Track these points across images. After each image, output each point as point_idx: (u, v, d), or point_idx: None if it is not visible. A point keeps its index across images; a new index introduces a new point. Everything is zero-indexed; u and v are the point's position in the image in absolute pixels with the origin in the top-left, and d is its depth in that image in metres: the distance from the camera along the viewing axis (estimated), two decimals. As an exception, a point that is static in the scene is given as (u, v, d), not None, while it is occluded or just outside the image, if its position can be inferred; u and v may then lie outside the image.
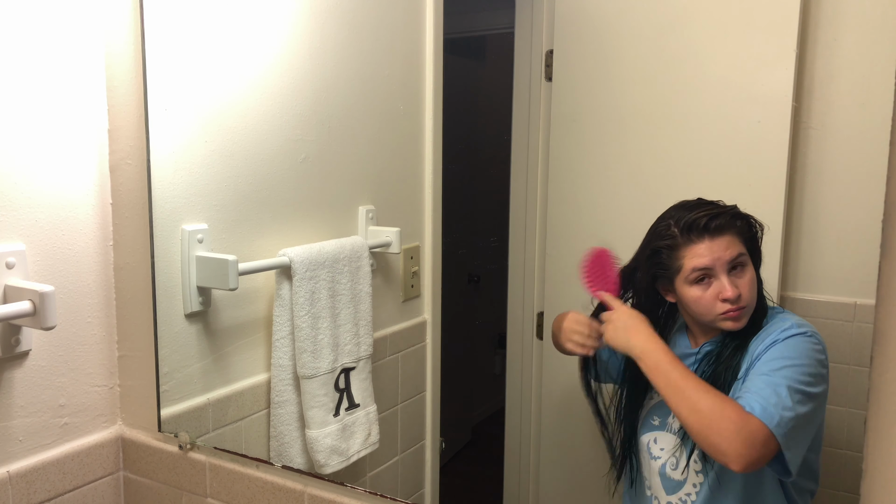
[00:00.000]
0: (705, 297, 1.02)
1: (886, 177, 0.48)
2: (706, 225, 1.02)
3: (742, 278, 1.02)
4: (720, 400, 0.94)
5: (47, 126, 1.05)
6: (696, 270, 1.02)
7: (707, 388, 0.96)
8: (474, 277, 1.97)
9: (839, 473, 1.11)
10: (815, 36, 1.11)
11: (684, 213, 1.05)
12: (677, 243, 1.04)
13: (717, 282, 1.02)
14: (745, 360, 1.01)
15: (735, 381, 1.01)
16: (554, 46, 1.41)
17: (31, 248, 1.04)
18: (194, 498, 1.13)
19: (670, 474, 1.09)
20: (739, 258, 1.02)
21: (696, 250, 1.02)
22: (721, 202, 1.06)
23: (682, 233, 1.04)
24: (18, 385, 1.04)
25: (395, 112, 1.45)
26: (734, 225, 1.03)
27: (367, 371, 1.32)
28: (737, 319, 1.02)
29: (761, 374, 0.96)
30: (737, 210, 1.05)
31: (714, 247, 1.02)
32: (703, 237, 1.02)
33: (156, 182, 1.10)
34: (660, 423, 1.11)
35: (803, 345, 0.99)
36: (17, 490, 1.04)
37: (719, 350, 1.05)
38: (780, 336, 0.99)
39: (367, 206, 1.39)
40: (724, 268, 1.01)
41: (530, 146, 1.46)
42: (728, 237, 1.02)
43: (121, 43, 1.11)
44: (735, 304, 1.01)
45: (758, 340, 1.01)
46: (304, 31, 1.26)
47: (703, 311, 1.04)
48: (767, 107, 1.17)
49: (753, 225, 1.05)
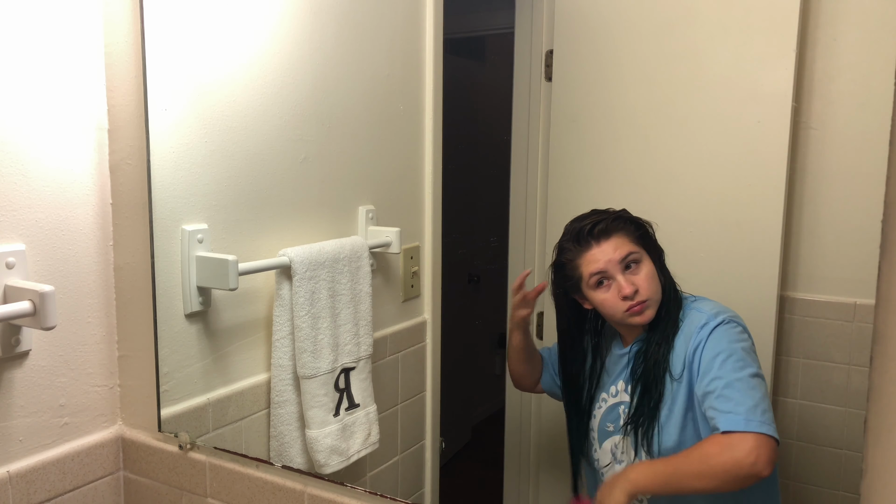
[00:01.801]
0: (609, 299, 1.09)
1: (886, 177, 0.48)
2: (590, 231, 1.09)
3: (638, 274, 1.08)
4: (700, 450, 0.99)
5: (47, 126, 1.05)
6: (594, 275, 1.09)
7: (687, 454, 1.00)
8: (474, 277, 1.97)
9: (839, 473, 1.11)
10: (815, 36, 1.11)
11: (574, 224, 1.13)
12: (573, 254, 1.11)
13: (615, 282, 1.08)
14: (677, 360, 1.05)
15: (666, 374, 1.06)
16: (554, 46, 1.41)
17: (31, 248, 1.04)
18: (194, 498, 1.13)
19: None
20: (631, 256, 1.08)
21: (589, 257, 1.09)
22: (610, 209, 1.13)
23: (574, 243, 1.11)
24: (18, 385, 1.04)
25: (395, 112, 1.45)
26: (619, 227, 1.09)
27: (367, 371, 1.32)
28: (641, 313, 1.07)
29: (710, 381, 1.00)
30: (620, 213, 1.12)
31: (603, 250, 1.09)
32: (590, 243, 1.09)
33: (156, 182, 1.10)
34: (614, 429, 1.14)
35: (728, 334, 1.03)
36: (17, 490, 1.04)
37: (646, 347, 1.10)
38: (703, 335, 1.04)
39: (367, 206, 1.39)
40: (617, 268, 1.08)
41: (530, 146, 1.46)
42: (615, 239, 1.09)
43: (120, 43, 1.11)
44: (633, 299, 1.06)
45: (682, 338, 1.06)
46: (305, 31, 1.26)
47: (611, 312, 1.10)
48: (767, 107, 1.17)
49: (641, 224, 1.11)
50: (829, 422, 1.10)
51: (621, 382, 1.14)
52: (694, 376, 1.03)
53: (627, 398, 1.12)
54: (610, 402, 1.15)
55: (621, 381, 1.14)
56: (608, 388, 1.17)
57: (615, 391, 1.15)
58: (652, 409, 1.07)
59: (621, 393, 1.14)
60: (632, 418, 1.09)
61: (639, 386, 1.09)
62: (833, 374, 1.09)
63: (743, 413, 0.96)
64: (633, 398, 1.10)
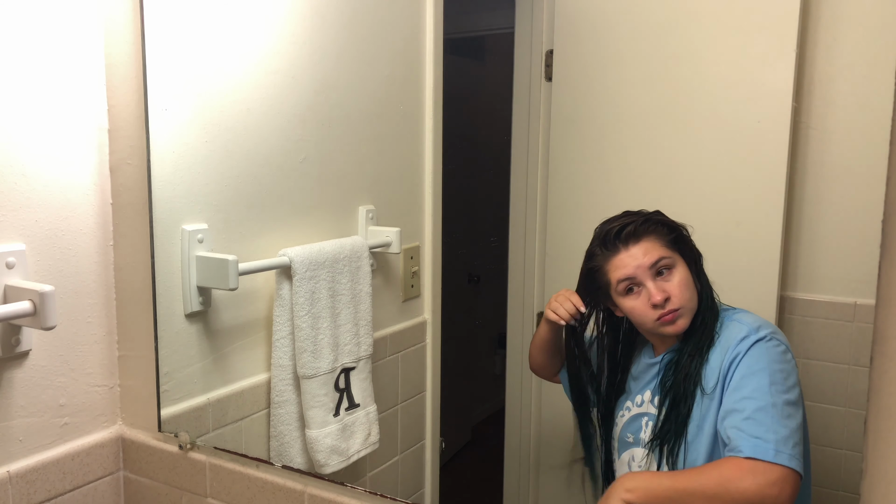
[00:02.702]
0: (638, 307, 1.02)
1: (886, 177, 0.48)
2: (618, 234, 1.03)
3: (670, 281, 1.01)
4: (717, 470, 0.90)
5: (47, 126, 1.05)
6: (622, 281, 1.02)
7: (699, 472, 0.93)
8: (474, 277, 1.97)
9: (839, 473, 1.11)
10: (815, 36, 1.11)
11: (603, 227, 1.06)
12: (601, 260, 1.05)
13: (645, 289, 1.01)
14: (710, 373, 0.98)
15: (697, 389, 0.99)
16: (554, 46, 1.41)
17: (31, 248, 1.04)
18: (194, 498, 1.13)
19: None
20: (662, 261, 1.01)
21: (617, 262, 1.03)
22: (642, 211, 1.06)
23: (601, 248, 1.05)
24: (18, 385, 1.04)
25: (395, 112, 1.45)
26: (649, 230, 1.03)
27: (367, 371, 1.32)
28: (673, 322, 1.00)
29: (742, 399, 0.93)
30: (652, 215, 1.05)
31: (632, 255, 1.02)
32: (618, 248, 1.03)
33: (156, 182, 1.10)
34: (633, 440, 1.09)
35: (769, 353, 0.96)
36: (17, 490, 1.04)
37: (677, 358, 1.03)
38: (742, 348, 0.96)
39: (367, 206, 1.39)
40: (648, 274, 1.01)
41: (530, 146, 1.46)
42: (645, 243, 1.02)
43: (121, 43, 1.11)
44: (665, 307, 1.00)
45: (717, 351, 0.99)
46: (305, 31, 1.26)
47: (641, 321, 1.03)
48: (767, 107, 1.17)
49: (675, 227, 1.04)
50: (829, 422, 1.10)
51: (648, 393, 1.08)
52: (726, 391, 0.96)
53: (654, 410, 1.06)
54: (634, 412, 1.10)
55: (648, 392, 1.08)
56: (633, 396, 1.11)
57: (641, 401, 1.09)
58: (680, 424, 1.00)
59: (647, 404, 1.08)
60: (658, 433, 1.03)
61: (667, 399, 1.03)
62: (833, 374, 1.09)
63: (773, 442, 0.88)
64: (661, 412, 1.03)
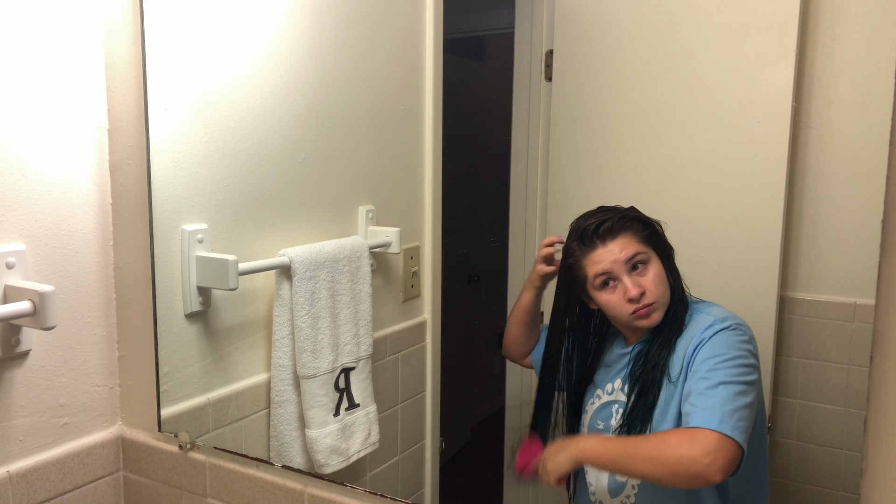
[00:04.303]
0: (614, 300, 1.05)
1: (886, 177, 0.48)
2: (595, 230, 1.06)
3: (645, 276, 1.04)
4: (661, 436, 0.97)
5: (47, 126, 1.05)
6: (599, 276, 1.06)
7: (647, 437, 0.98)
8: (474, 277, 1.97)
9: (839, 473, 1.11)
10: (815, 36, 1.11)
11: (580, 223, 1.09)
12: (579, 254, 1.08)
13: (621, 284, 1.05)
14: (676, 361, 1.03)
15: (664, 377, 1.03)
16: (554, 46, 1.41)
17: (31, 248, 1.04)
18: (194, 498, 1.13)
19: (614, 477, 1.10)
20: (637, 256, 1.04)
21: (594, 257, 1.06)
22: (618, 206, 1.09)
23: (579, 243, 1.08)
24: (18, 385, 1.04)
25: (395, 112, 1.45)
26: (625, 226, 1.06)
27: (367, 371, 1.32)
28: (647, 316, 1.04)
29: (699, 379, 0.97)
30: (627, 211, 1.08)
31: (609, 250, 1.05)
32: (595, 243, 1.06)
33: (156, 182, 1.10)
34: (604, 427, 1.12)
35: (730, 339, 0.99)
36: (17, 490, 1.04)
37: (647, 349, 1.07)
38: (706, 335, 1.00)
39: (367, 206, 1.39)
40: (623, 269, 1.04)
41: (530, 146, 1.46)
42: (622, 239, 1.05)
43: (121, 43, 1.11)
44: (640, 302, 1.03)
45: (684, 340, 1.03)
46: (304, 31, 1.26)
47: (616, 314, 1.07)
48: (767, 107, 1.17)
49: (649, 223, 1.07)
50: (829, 422, 1.10)
51: (619, 381, 1.12)
52: (689, 377, 1.00)
53: (623, 398, 1.10)
54: (604, 400, 1.14)
55: (619, 380, 1.12)
56: (604, 384, 1.15)
57: (611, 389, 1.13)
58: (647, 412, 1.04)
59: (618, 392, 1.12)
60: (626, 420, 1.07)
61: (636, 387, 1.07)
62: (833, 374, 1.09)
63: (718, 413, 0.91)
64: (630, 399, 1.08)
